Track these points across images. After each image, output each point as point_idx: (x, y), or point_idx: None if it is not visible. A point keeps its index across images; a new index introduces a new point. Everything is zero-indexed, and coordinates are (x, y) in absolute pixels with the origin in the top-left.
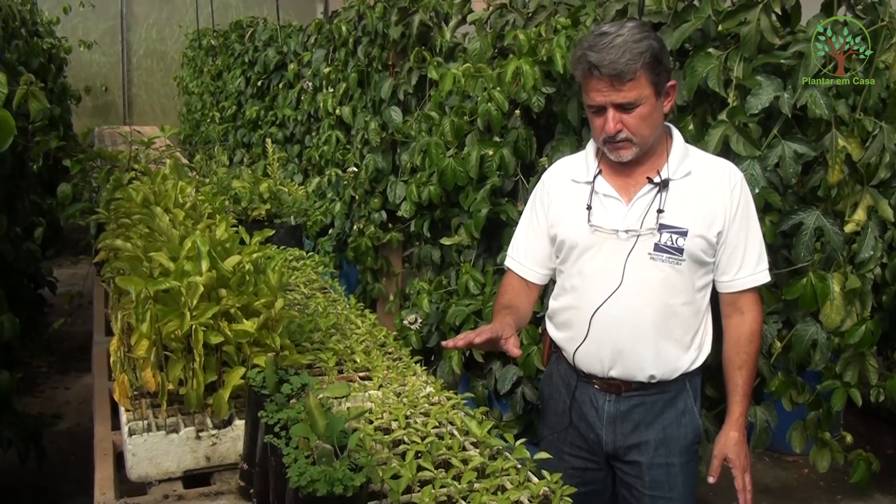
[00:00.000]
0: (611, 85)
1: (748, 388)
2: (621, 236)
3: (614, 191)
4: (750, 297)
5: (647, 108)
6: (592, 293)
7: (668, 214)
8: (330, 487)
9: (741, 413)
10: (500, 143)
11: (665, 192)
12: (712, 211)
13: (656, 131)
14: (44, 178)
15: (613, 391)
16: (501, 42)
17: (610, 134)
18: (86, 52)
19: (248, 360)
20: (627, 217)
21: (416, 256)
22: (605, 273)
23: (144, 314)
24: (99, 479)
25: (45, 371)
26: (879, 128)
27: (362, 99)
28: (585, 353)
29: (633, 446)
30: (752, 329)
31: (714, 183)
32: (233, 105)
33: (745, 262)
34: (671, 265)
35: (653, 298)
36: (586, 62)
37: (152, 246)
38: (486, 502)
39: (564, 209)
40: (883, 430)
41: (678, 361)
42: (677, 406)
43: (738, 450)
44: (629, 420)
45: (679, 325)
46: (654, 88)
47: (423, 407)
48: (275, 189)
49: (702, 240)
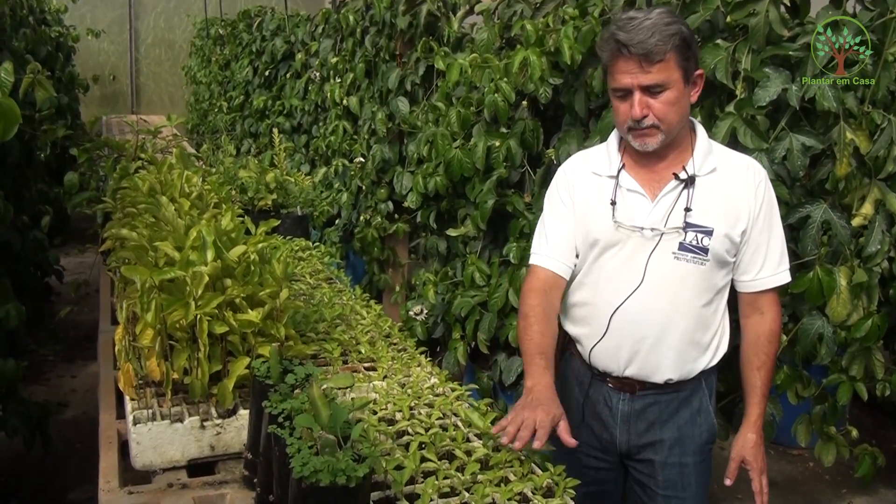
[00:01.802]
0: (639, 66)
1: (766, 389)
2: (646, 234)
3: (639, 186)
4: (770, 296)
5: (675, 93)
6: (613, 291)
7: (695, 213)
8: (333, 478)
9: (759, 415)
10: (506, 135)
11: (692, 188)
12: (737, 209)
13: (683, 120)
14: (51, 166)
15: (627, 390)
16: (509, 32)
17: (636, 118)
18: (94, 40)
19: (253, 350)
20: (652, 214)
21: (423, 247)
22: (627, 271)
23: (149, 303)
24: (103, 467)
25: (52, 359)
26: (888, 121)
27: (369, 89)
28: (602, 351)
29: (648, 445)
30: (771, 329)
31: (739, 180)
32: (240, 95)
33: (767, 262)
34: (695, 265)
35: (674, 298)
36: (615, 41)
37: (157, 235)
38: (490, 494)
39: (589, 204)
40: (889, 424)
41: (697, 362)
42: (692, 405)
43: (755, 452)
44: (643, 419)
45: (700, 327)
46: (683, 73)
47: (427, 398)
48: (281, 179)
49: (727, 239)
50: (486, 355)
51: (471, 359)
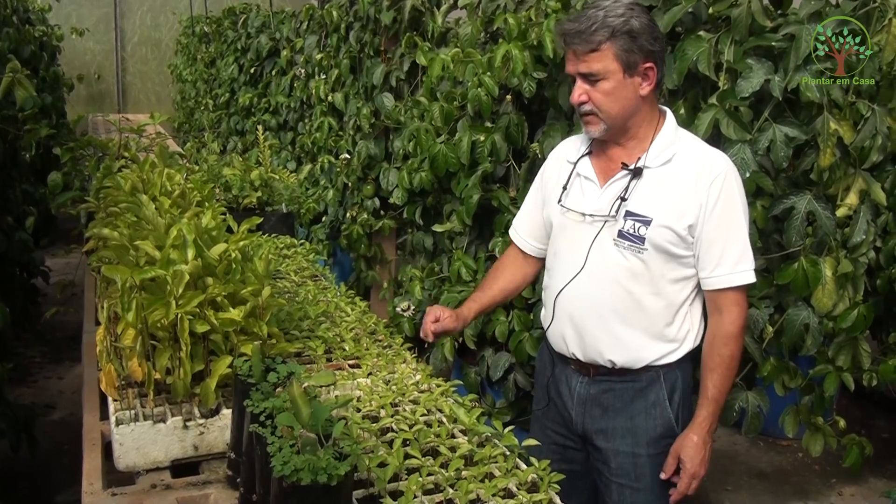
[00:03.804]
0: (575, 54)
1: (717, 392)
2: (587, 220)
3: (593, 173)
4: (730, 296)
5: (613, 83)
6: (559, 274)
7: (634, 202)
8: (314, 476)
9: (705, 417)
10: (491, 129)
11: (638, 179)
12: (684, 202)
13: (626, 111)
14: (36, 167)
15: (585, 373)
16: (492, 27)
17: (574, 102)
18: (81, 39)
19: (236, 348)
20: (599, 201)
21: (409, 243)
22: (572, 255)
23: (130, 303)
24: (87, 469)
25: (39, 361)
26: (871, 110)
27: (354, 85)
28: (553, 334)
29: (600, 431)
30: (727, 331)
31: (692, 173)
32: (226, 92)
33: (723, 260)
34: (634, 253)
35: (613, 285)
36: (560, 31)
37: (138, 235)
38: (474, 490)
39: (551, 188)
40: (878, 413)
41: (642, 351)
42: (648, 397)
43: (692, 453)
44: (598, 404)
45: (645, 316)
46: (623, 65)
47: (411, 394)
48: (266, 176)
49: (667, 230)
50: (473, 351)
51: (458, 354)
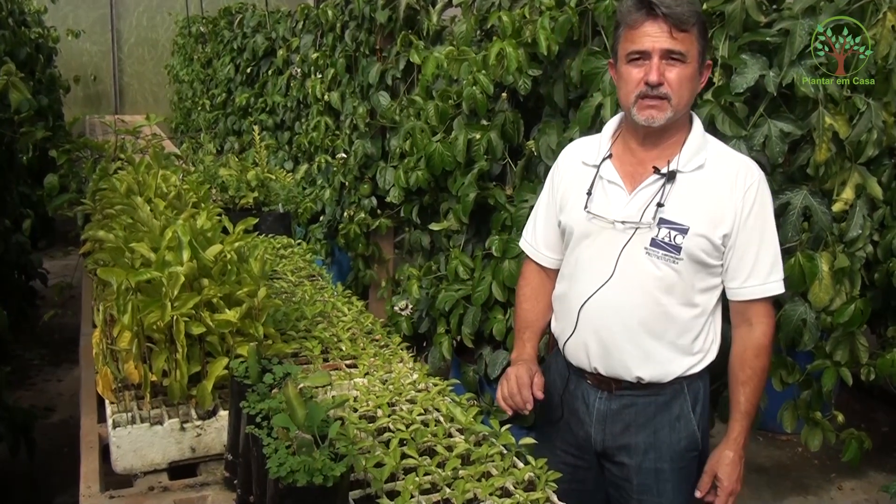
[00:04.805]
0: (666, 30)
1: (751, 406)
2: (618, 227)
3: (619, 177)
4: (760, 307)
5: (691, 70)
6: (583, 284)
7: (670, 209)
8: (310, 477)
9: (740, 432)
10: (487, 127)
11: (671, 184)
12: (720, 210)
13: (690, 104)
14: (34, 169)
15: (605, 388)
16: (486, 24)
17: (652, 82)
18: (77, 41)
19: (232, 350)
20: (628, 207)
21: (407, 242)
22: (599, 264)
23: (126, 305)
24: (85, 472)
25: (38, 364)
26: (867, 104)
27: (350, 84)
28: (573, 346)
29: (622, 448)
30: (759, 343)
31: (727, 181)
32: (223, 92)
33: (755, 270)
34: (667, 263)
35: (644, 296)
36: (643, 1)
37: (134, 237)
38: (471, 489)
39: (570, 193)
40: (878, 407)
41: (671, 365)
42: (672, 410)
43: (729, 470)
44: (619, 420)
45: (675, 328)
46: (700, 53)
47: (408, 394)
48: (262, 177)
49: (703, 240)
50: (471, 349)
51: (456, 353)
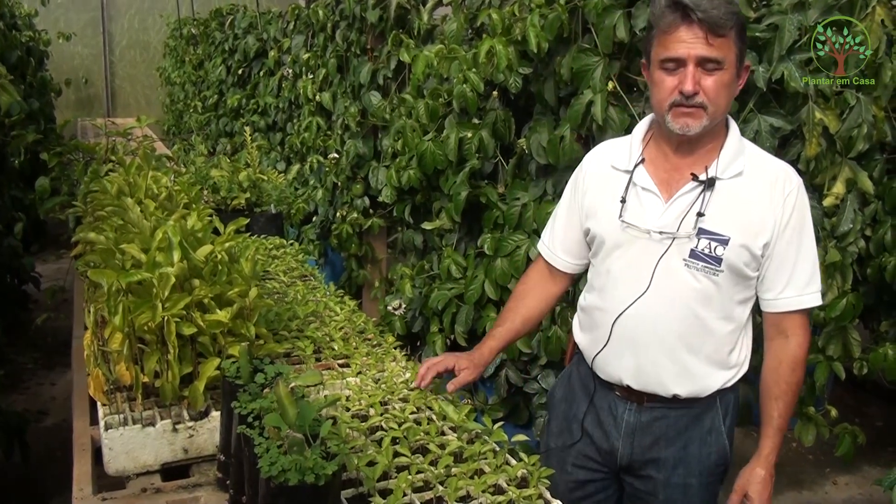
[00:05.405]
0: (701, 36)
1: (783, 421)
2: (654, 237)
3: (654, 184)
4: (796, 319)
5: (728, 76)
6: (617, 296)
7: (709, 218)
8: (301, 476)
9: (772, 449)
10: (478, 125)
11: (710, 192)
12: (760, 219)
13: (727, 110)
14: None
15: (635, 400)
16: (476, 22)
17: (687, 92)
18: (69, 44)
19: (224, 350)
20: (664, 216)
21: (400, 242)
22: (633, 275)
23: (117, 307)
24: (77, 474)
25: (31, 367)
26: (857, 99)
27: (342, 84)
28: (604, 361)
29: (650, 461)
30: (795, 356)
31: (767, 188)
32: (214, 94)
33: (792, 280)
34: (707, 275)
35: (681, 309)
36: (677, 4)
37: (124, 238)
38: (463, 486)
39: (600, 199)
40: (871, 402)
41: (708, 379)
42: (703, 424)
43: (760, 489)
44: (649, 433)
45: (712, 342)
46: (738, 58)
47: (401, 393)
48: (254, 177)
49: (745, 251)
50: (465, 348)
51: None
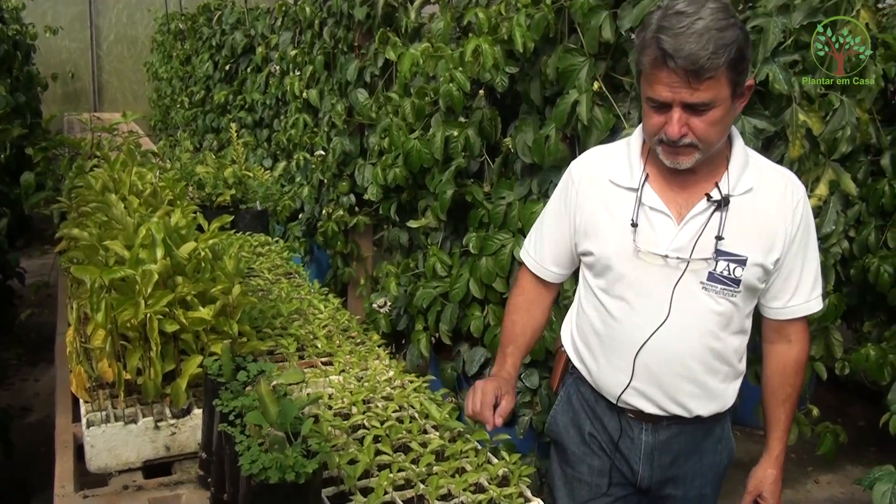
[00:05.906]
0: (685, 81)
1: (790, 423)
2: (670, 262)
3: (663, 205)
4: (799, 325)
5: (721, 111)
6: (635, 327)
7: (727, 240)
8: (282, 474)
9: (782, 450)
10: (464, 124)
11: (724, 211)
12: (772, 235)
13: (724, 137)
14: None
15: (648, 420)
16: (463, 21)
17: (673, 138)
18: (55, 38)
19: (206, 347)
20: (677, 239)
21: (385, 240)
22: (650, 303)
23: (99, 303)
24: (59, 471)
25: (15, 363)
26: (841, 101)
27: (329, 81)
28: (630, 397)
29: (671, 479)
30: (798, 360)
31: (776, 201)
32: (201, 90)
33: (799, 289)
34: (726, 297)
35: (703, 335)
36: (658, 48)
37: (108, 234)
38: (445, 485)
39: (601, 219)
40: (854, 402)
41: (726, 395)
42: (715, 432)
43: (773, 489)
44: (668, 451)
45: (728, 358)
46: (733, 89)
47: (384, 391)
48: (240, 174)
49: (760, 268)
50: (449, 347)
51: (434, 350)
